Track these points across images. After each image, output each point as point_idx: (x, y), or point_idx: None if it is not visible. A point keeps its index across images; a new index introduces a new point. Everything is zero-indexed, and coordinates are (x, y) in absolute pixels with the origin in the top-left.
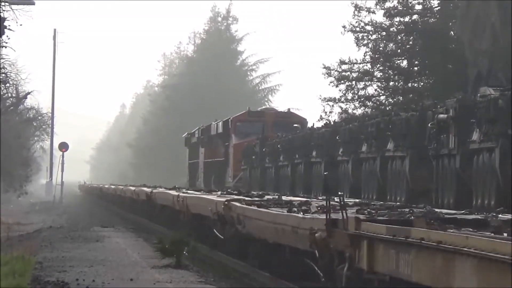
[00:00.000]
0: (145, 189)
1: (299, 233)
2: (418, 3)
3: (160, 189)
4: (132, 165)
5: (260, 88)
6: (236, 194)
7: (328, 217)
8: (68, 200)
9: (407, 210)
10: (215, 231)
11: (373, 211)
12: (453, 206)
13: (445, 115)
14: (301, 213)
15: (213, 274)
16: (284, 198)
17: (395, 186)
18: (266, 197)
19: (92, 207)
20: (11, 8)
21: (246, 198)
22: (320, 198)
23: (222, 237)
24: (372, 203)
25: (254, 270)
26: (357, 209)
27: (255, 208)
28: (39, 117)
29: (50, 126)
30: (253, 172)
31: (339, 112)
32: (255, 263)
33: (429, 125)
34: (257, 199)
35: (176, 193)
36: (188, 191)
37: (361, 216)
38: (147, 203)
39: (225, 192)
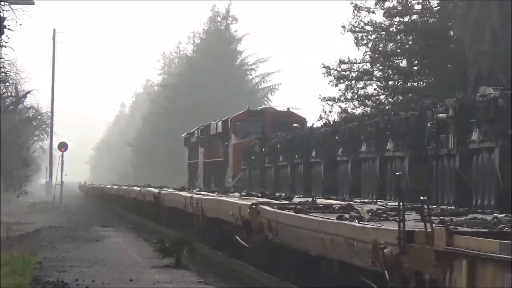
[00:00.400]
0: (152, 189)
1: (357, 247)
2: (418, 3)
3: (168, 189)
4: (132, 165)
5: (260, 87)
6: (259, 196)
7: (402, 228)
8: (68, 200)
9: (489, 218)
10: (238, 238)
11: (446, 219)
12: (452, 206)
13: (445, 115)
14: (356, 220)
15: (212, 275)
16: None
17: (395, 186)
18: (297, 199)
19: (94, 207)
20: (11, 8)
21: (275, 201)
22: (358, 200)
23: (247, 245)
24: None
25: (254, 270)
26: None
27: (292, 213)
28: (39, 117)
29: (49, 125)
30: (252, 172)
31: (338, 112)
32: (289, 277)
33: (428, 124)
34: (286, 202)
35: (189, 195)
36: (202, 192)
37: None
38: (154, 205)
39: (244, 194)
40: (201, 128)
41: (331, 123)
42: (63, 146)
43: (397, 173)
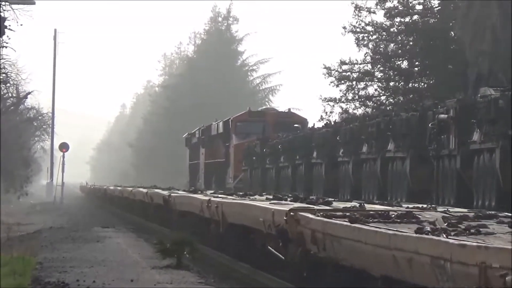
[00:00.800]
0: (160, 191)
1: (451, 270)
2: (419, 3)
3: (179, 192)
4: (133, 166)
5: (261, 88)
6: (292, 200)
7: None
8: (68, 201)
9: None
10: (271, 249)
11: None
12: (453, 206)
13: (446, 115)
14: (443, 235)
15: (213, 275)
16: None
17: (396, 187)
18: (337, 204)
19: (94, 209)
20: (12, 8)
21: (318, 207)
22: (410, 205)
23: (283, 258)
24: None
25: (255, 270)
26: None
27: (347, 223)
28: (40, 117)
29: (50, 126)
30: (253, 173)
31: (339, 112)
32: None
33: (429, 125)
34: (329, 207)
35: (206, 198)
36: (219, 195)
37: None
38: (164, 208)
39: (271, 197)
40: (202, 129)
41: (332, 123)
42: (64, 147)
43: None
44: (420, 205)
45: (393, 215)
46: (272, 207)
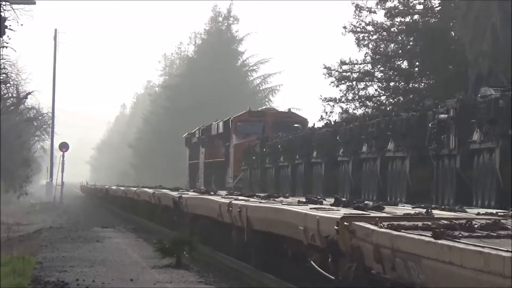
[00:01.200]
0: (169, 192)
1: None
2: (419, 3)
3: (190, 193)
4: (133, 165)
5: (261, 88)
6: (334, 203)
7: None
8: (68, 201)
9: None
10: (314, 264)
11: None
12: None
13: (446, 115)
14: None
15: (213, 275)
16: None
17: (395, 187)
18: (396, 210)
19: (94, 209)
20: (12, 8)
21: (374, 215)
22: (481, 211)
23: (332, 277)
24: None
25: (255, 270)
26: None
27: (429, 239)
28: (40, 117)
29: (50, 126)
30: (253, 172)
31: (339, 112)
32: None
33: (429, 125)
34: (383, 214)
35: (226, 201)
36: (239, 197)
37: None
38: (173, 210)
39: (304, 200)
40: (202, 129)
41: (332, 123)
42: (64, 146)
43: None
44: (493, 211)
45: (476, 225)
46: (317, 214)
